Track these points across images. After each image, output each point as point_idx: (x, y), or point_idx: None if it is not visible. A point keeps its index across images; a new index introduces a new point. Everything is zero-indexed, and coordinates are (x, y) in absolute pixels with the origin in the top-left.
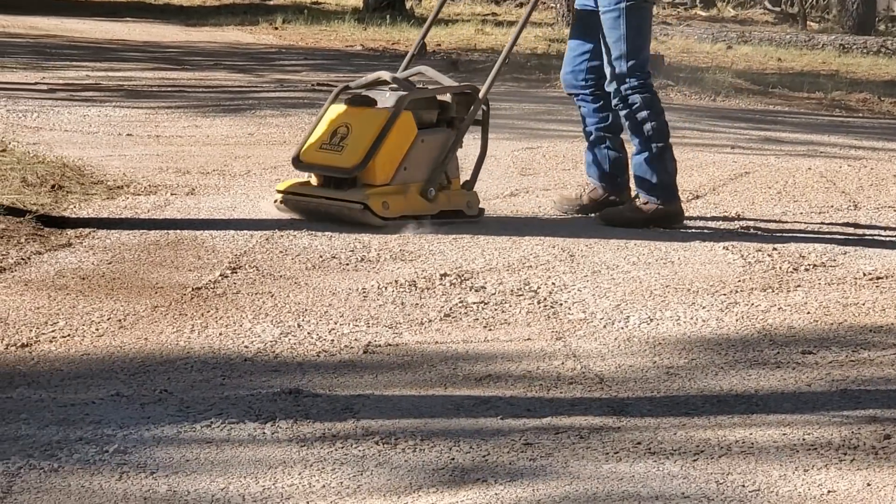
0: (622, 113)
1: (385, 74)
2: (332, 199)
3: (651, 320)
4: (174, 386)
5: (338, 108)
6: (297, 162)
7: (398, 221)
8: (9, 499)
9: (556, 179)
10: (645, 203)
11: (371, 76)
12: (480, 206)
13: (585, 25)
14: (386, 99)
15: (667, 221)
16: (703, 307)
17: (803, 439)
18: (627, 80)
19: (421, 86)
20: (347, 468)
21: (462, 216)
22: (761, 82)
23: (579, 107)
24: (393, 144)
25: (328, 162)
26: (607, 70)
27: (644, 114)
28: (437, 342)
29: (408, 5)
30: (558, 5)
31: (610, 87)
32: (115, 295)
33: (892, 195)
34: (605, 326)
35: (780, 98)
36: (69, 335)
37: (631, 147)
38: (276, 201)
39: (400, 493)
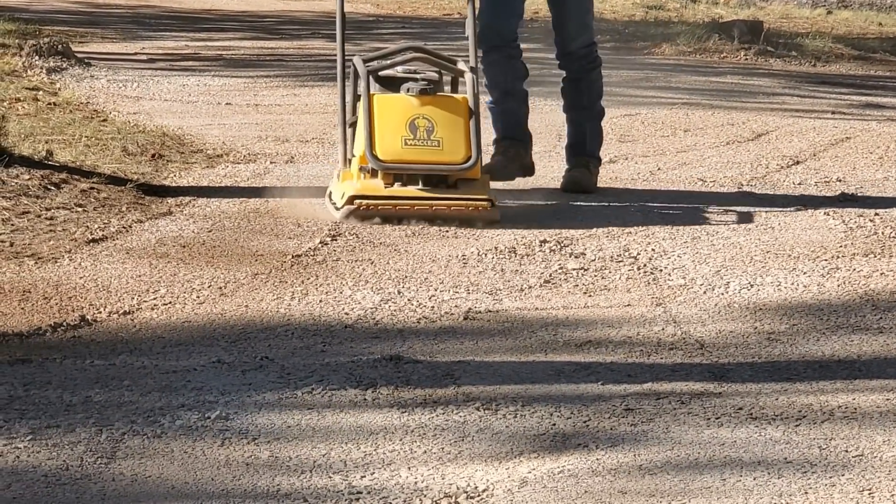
0: (588, 74)
1: (413, 53)
2: (451, 199)
3: (752, 286)
4: (275, 353)
5: (396, 98)
6: (379, 161)
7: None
8: (113, 464)
9: (655, 146)
10: (595, 165)
11: (398, 58)
12: None
13: None
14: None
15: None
16: (805, 273)
17: None
18: (595, 39)
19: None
20: (448, 434)
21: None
22: (862, 47)
23: (495, 62)
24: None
25: (428, 159)
26: (577, 35)
27: (602, 72)
28: (537, 308)
29: None
30: None
31: (577, 49)
32: (215, 262)
33: None
34: (705, 292)
35: (881, 63)
36: (170, 303)
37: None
38: (358, 207)
39: (501, 459)
